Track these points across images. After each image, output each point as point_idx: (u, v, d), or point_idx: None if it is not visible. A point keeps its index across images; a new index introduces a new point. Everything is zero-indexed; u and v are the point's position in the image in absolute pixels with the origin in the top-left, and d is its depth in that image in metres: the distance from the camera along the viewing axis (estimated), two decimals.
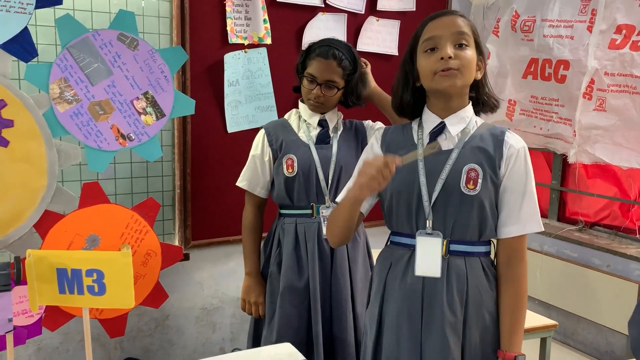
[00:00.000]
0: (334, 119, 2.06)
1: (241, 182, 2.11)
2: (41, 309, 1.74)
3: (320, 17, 2.72)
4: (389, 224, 1.55)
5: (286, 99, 2.61)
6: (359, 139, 2.07)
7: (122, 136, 1.80)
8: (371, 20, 2.84)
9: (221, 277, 2.73)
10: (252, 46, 2.57)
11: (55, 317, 1.78)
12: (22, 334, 1.74)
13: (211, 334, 2.74)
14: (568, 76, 2.56)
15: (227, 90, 2.55)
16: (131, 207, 1.88)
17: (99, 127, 1.76)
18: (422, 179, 1.44)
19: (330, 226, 1.57)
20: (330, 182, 1.99)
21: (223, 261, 2.72)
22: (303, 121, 2.04)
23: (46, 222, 1.75)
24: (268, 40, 2.59)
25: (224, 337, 2.79)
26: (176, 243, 2.58)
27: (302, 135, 2.02)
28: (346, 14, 2.78)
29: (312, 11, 2.71)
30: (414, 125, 1.53)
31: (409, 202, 1.46)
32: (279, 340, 1.99)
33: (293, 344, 1.88)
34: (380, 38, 2.88)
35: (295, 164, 1.96)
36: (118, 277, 1.53)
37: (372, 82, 2.05)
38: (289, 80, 2.12)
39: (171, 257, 1.92)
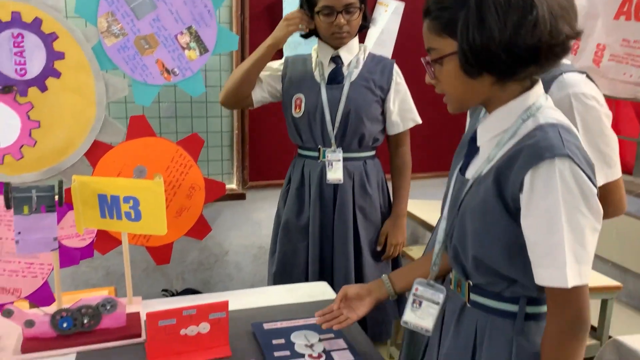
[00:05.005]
0: (350, 54, 1.94)
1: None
2: (92, 233, 1.86)
3: None
4: None
5: None
6: (383, 79, 1.93)
7: (167, 71, 1.83)
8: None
9: None
10: None
11: (105, 241, 1.89)
12: (76, 255, 1.87)
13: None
14: None
15: None
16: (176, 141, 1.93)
17: (145, 61, 1.80)
18: None
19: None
20: (337, 125, 1.91)
21: None
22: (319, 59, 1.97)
23: (96, 152, 1.84)
24: None
25: None
26: (234, 183, 2.64)
27: (317, 74, 1.94)
28: None
29: None
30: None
31: None
32: (277, 272, 2.06)
33: (291, 278, 1.97)
34: None
35: (303, 105, 1.91)
36: (151, 205, 1.58)
37: None
38: None
39: (214, 192, 1.95)
